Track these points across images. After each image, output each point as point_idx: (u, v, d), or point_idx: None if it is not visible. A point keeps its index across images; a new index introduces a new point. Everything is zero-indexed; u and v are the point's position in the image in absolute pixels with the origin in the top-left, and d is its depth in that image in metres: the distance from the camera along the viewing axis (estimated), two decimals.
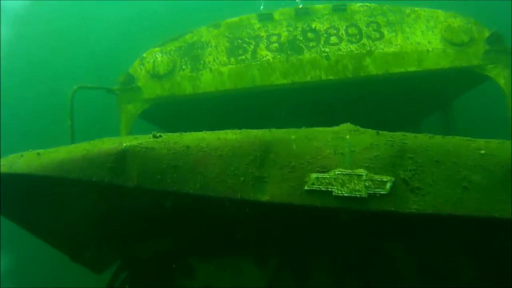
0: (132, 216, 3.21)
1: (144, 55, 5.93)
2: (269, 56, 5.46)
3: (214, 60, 5.62)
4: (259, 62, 5.45)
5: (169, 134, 2.65)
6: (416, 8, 5.42)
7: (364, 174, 2.09)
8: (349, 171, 2.11)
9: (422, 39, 5.26)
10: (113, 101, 6.05)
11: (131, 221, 3.33)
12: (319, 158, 2.19)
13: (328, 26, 5.48)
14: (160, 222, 3.37)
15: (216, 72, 5.57)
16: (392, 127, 8.12)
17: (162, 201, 2.60)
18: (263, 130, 2.46)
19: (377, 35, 5.33)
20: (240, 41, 5.62)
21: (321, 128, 2.45)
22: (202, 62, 5.66)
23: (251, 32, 5.63)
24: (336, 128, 2.43)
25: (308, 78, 5.33)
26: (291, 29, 5.55)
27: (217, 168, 2.29)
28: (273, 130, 2.44)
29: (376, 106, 6.79)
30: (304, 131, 2.39)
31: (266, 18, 5.67)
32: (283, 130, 2.44)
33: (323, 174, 2.13)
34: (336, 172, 2.12)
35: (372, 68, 5.25)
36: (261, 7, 6.53)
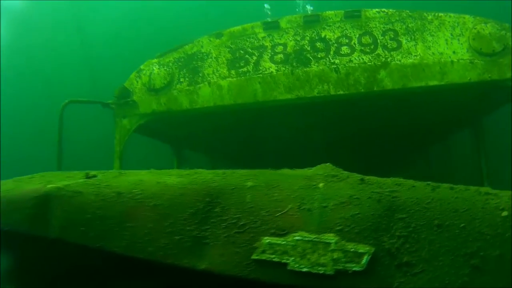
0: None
1: (142, 67, 5.55)
2: (273, 68, 4.93)
3: (213, 72, 5.15)
4: (261, 75, 4.93)
5: (107, 173, 2.18)
6: (440, 14, 4.75)
7: (333, 242, 1.53)
8: (313, 236, 1.56)
9: (446, 49, 4.59)
10: None
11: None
12: (277, 215, 1.66)
13: (340, 34, 4.89)
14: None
15: (215, 85, 5.09)
16: (411, 146, 7.34)
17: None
18: (217, 172, 1.95)
19: (394, 45, 4.70)
20: (242, 51, 5.13)
21: (290, 171, 1.92)
22: (201, 74, 5.21)
23: (255, 42, 5.13)
24: (309, 172, 1.88)
25: (315, 93, 4.76)
26: (298, 38, 5.00)
27: (149, 222, 1.79)
28: (228, 173, 1.92)
29: (392, 124, 6.10)
30: (267, 175, 1.86)
31: (271, 26, 5.15)
32: (241, 172, 1.92)
33: (278, 239, 1.59)
34: (296, 238, 1.57)
35: (387, 82, 4.62)
36: (266, 5, 6.00)
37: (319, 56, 4.84)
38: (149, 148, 7.89)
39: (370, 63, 4.66)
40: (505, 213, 1.51)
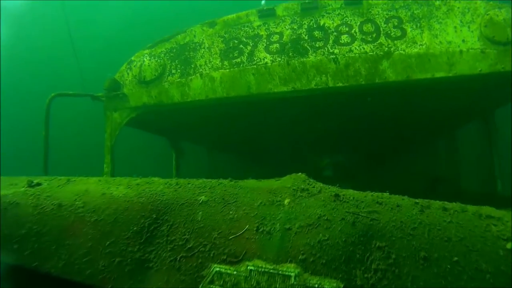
0: None
1: (133, 58, 5.31)
2: (268, 58, 4.64)
3: (206, 63, 4.88)
4: (255, 66, 4.65)
5: (54, 180, 1.94)
6: None
7: (293, 274, 1.26)
8: (271, 266, 1.29)
9: (454, 38, 4.23)
10: None
11: None
12: (230, 238, 1.39)
13: (340, 22, 4.56)
14: None
15: (207, 77, 4.83)
16: (416, 141, 6.97)
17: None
18: (170, 183, 1.68)
19: (398, 33, 4.36)
20: (236, 41, 4.84)
21: (254, 183, 1.64)
22: (193, 66, 4.94)
23: (250, 30, 4.83)
24: (275, 184, 1.60)
25: (312, 85, 4.46)
26: (295, 26, 4.69)
27: (88, 240, 1.55)
28: (182, 183, 1.65)
29: (395, 118, 5.75)
30: (225, 188, 1.59)
31: (267, 14, 4.84)
32: (196, 184, 1.65)
33: (229, 267, 1.33)
34: (250, 267, 1.30)
35: (390, 74, 4.29)
36: (263, 2, 5.69)
37: (317, 45, 4.53)
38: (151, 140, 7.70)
39: (371, 53, 4.34)
40: (509, 245, 1.21)
